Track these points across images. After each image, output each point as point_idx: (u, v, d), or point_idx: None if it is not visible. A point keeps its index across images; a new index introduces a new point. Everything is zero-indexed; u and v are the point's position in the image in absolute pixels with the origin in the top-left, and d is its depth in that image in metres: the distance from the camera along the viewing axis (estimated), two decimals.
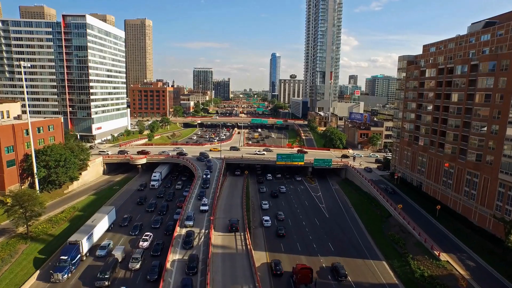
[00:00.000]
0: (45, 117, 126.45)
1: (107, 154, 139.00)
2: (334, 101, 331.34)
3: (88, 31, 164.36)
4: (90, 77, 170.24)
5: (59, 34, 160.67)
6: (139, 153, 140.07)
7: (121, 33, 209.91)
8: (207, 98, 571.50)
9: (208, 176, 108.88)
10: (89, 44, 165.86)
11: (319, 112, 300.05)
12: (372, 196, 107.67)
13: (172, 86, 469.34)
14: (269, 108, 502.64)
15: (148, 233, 73.11)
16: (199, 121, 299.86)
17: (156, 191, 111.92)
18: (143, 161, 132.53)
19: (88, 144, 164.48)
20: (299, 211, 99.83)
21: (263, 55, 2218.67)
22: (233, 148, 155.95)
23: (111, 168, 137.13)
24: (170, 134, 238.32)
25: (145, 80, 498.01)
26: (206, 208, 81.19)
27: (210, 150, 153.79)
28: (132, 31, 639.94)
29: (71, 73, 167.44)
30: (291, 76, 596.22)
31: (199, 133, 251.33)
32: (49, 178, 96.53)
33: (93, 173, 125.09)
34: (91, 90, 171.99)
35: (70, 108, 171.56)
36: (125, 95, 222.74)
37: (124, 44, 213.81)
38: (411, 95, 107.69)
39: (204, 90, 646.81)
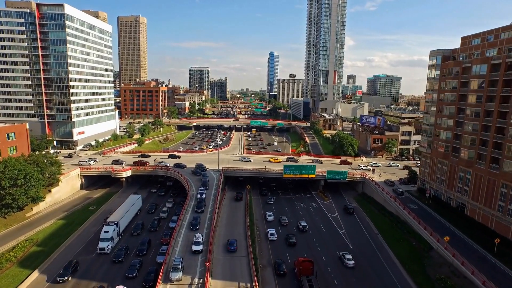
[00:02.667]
0: (5, 123, 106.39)
1: (89, 164, 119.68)
2: (338, 101, 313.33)
3: (67, 22, 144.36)
4: (71, 76, 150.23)
5: (34, 26, 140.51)
6: (136, 164, 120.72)
7: (108, 27, 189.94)
8: (204, 98, 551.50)
9: (203, 196, 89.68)
10: (68, 38, 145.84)
11: (323, 114, 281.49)
12: (401, 219, 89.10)
13: (167, 86, 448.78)
14: (268, 108, 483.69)
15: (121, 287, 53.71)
16: (195, 123, 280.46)
17: (141, 215, 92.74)
18: (127, 173, 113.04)
19: (67, 152, 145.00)
20: (315, 240, 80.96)
21: (260, 54, 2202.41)
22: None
23: (90, 181, 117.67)
24: (163, 138, 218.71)
25: (137, 79, 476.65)
26: (199, 248, 61.83)
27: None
28: (126, 28, 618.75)
29: (48, 70, 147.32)
30: (290, 76, 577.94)
31: (192, 138, 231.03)
32: (2, 200, 76.92)
33: (67, 188, 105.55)
34: (72, 90, 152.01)
35: (48, 111, 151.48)
36: (113, 96, 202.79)
37: (111, 39, 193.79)
38: (449, 97, 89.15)
39: (201, 89, 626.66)
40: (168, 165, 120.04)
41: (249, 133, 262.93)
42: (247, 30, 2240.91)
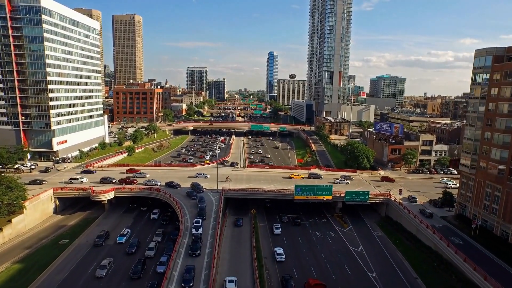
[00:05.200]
0: None
1: (81, 182, 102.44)
2: (343, 104, 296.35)
3: (45, 17, 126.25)
4: (49, 78, 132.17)
5: (4, 21, 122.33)
6: (122, 181, 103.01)
7: (94, 24, 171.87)
8: (201, 99, 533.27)
9: (200, 231, 71.92)
10: (46, 35, 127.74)
11: (328, 118, 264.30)
12: (444, 258, 71.86)
13: (162, 87, 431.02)
14: (268, 110, 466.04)
15: None
16: (191, 128, 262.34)
17: (121, 251, 74.91)
18: (110, 195, 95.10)
19: (44, 165, 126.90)
20: None
21: (258, 54, 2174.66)
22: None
23: (67, 203, 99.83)
24: (157, 145, 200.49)
25: (131, 81, 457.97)
26: None
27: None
28: (121, 27, 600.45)
29: (23, 72, 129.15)
30: (290, 76, 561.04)
31: (187, 147, 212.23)
32: None
33: (36, 215, 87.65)
34: (51, 94, 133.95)
35: (23, 118, 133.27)
36: (101, 99, 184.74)
37: (98, 37, 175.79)
38: (505, 107, 71.93)
39: (198, 90, 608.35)
40: (159, 184, 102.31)
41: (249, 137, 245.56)
42: (244, 30, 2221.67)
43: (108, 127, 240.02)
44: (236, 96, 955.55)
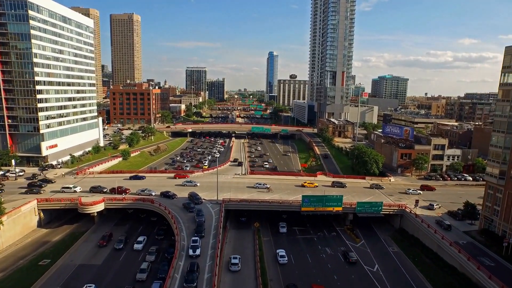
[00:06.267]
0: None
1: (74, 191, 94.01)
2: (346, 105, 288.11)
3: (32, 13, 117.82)
4: (38, 78, 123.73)
5: None
6: (114, 191, 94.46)
7: (88, 21, 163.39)
8: (201, 100, 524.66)
9: (198, 252, 63.48)
10: (33, 32, 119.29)
11: (331, 119, 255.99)
12: (474, 282, 63.66)
13: (160, 88, 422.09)
14: (268, 111, 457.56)
15: None
16: (190, 130, 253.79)
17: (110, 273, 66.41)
18: (99, 207, 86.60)
19: (31, 172, 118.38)
20: None
21: (257, 54, 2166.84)
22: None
23: (53, 215, 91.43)
24: (154, 148, 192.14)
25: (128, 81, 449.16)
26: None
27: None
28: (119, 27, 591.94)
29: (8, 72, 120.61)
30: (291, 76, 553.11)
31: (186, 149, 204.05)
32: None
33: (17, 230, 79.25)
34: (40, 96, 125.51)
35: (10, 121, 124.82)
36: (95, 101, 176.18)
37: (92, 35, 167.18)
38: None
39: (198, 90, 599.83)
40: (153, 193, 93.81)
41: (250, 139, 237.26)
42: (243, 30, 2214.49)
43: (104, 129, 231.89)
44: (236, 96, 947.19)
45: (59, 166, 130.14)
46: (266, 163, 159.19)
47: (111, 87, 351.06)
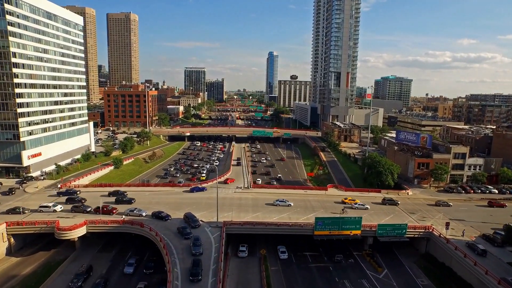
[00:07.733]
0: None
1: (54, 211, 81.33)
2: (351, 107, 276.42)
3: (9, 7, 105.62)
4: (17, 80, 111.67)
5: None
6: (98, 211, 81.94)
7: (77, 19, 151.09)
8: (200, 101, 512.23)
9: None
10: (11, 29, 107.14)
11: (336, 123, 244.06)
12: None
13: (157, 89, 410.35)
14: (268, 112, 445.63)
15: None
16: (188, 133, 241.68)
17: None
18: (80, 232, 74.20)
19: (8, 185, 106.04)
20: None
21: (256, 54, 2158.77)
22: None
23: (26, 240, 79.22)
24: (149, 154, 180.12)
25: (123, 82, 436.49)
26: None
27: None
28: (116, 26, 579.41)
29: None
30: (292, 77, 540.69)
31: (183, 154, 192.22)
32: None
33: None
34: (20, 100, 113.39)
35: None
36: (85, 104, 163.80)
37: (82, 33, 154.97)
38: None
39: (197, 91, 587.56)
40: (144, 214, 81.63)
41: (251, 144, 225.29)
42: (242, 30, 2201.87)
43: (97, 133, 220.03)
44: (235, 97, 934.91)
45: (42, 178, 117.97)
46: (270, 169, 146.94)
47: (106, 88, 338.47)
